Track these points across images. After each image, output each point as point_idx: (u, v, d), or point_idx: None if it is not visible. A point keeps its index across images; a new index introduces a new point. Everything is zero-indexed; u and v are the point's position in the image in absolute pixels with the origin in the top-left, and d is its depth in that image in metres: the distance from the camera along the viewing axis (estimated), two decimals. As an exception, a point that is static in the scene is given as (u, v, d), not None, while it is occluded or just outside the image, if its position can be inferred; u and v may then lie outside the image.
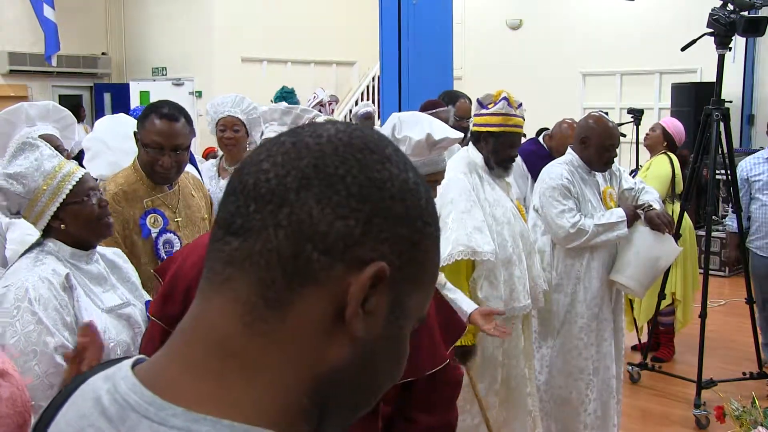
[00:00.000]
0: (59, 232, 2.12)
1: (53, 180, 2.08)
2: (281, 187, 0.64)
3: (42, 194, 2.08)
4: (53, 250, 2.11)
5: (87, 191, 2.11)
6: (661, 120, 5.69)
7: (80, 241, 2.14)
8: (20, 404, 1.45)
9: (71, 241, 2.13)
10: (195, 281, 1.79)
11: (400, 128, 2.57)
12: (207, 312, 0.67)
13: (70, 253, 2.12)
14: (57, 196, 2.08)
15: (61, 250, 2.11)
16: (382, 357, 0.69)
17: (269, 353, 0.65)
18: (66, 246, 2.12)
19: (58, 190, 2.08)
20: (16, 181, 2.07)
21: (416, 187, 0.69)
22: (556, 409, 3.69)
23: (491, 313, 2.92)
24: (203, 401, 0.63)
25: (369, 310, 0.65)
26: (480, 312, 2.89)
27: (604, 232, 3.56)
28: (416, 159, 2.51)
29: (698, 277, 5.16)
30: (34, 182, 2.07)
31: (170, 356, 0.68)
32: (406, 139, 2.53)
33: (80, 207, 2.09)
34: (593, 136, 3.60)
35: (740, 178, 4.79)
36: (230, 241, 0.66)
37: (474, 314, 2.87)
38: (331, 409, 0.68)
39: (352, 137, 0.68)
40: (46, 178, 2.08)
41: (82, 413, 0.68)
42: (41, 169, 2.08)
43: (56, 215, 2.09)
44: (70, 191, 2.08)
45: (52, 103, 3.09)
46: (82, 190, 2.10)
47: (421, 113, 2.69)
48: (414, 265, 0.68)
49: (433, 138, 2.53)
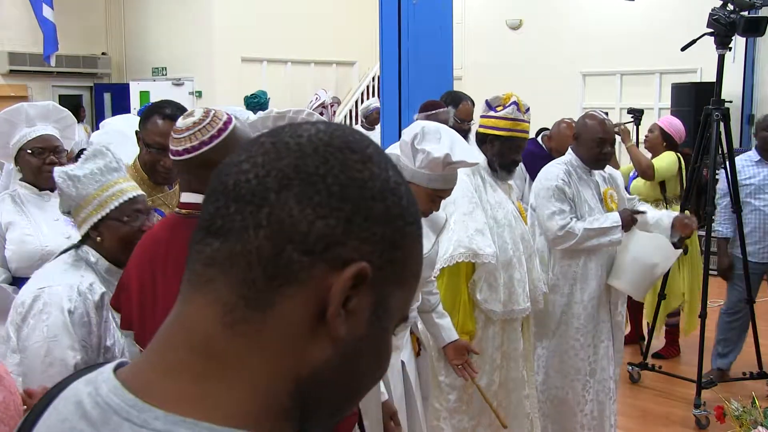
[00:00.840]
0: (96, 244, 2.14)
1: (105, 192, 2.11)
2: (261, 188, 0.64)
3: (90, 202, 2.10)
4: (91, 261, 2.13)
5: (133, 212, 2.13)
6: (659, 120, 5.68)
7: (113, 258, 2.15)
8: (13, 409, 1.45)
9: (106, 255, 2.15)
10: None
11: (421, 139, 2.53)
12: (188, 313, 0.67)
13: (106, 268, 2.15)
14: (103, 208, 2.10)
15: (99, 262, 2.14)
16: (365, 357, 0.69)
17: (250, 354, 0.64)
18: (104, 260, 2.15)
19: (105, 203, 2.10)
20: (72, 183, 2.10)
21: (397, 186, 0.69)
22: (552, 410, 3.69)
23: (465, 349, 2.93)
24: (184, 403, 0.63)
25: (351, 310, 0.65)
26: (455, 346, 2.91)
27: (596, 237, 3.53)
28: (429, 173, 2.50)
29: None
30: (87, 189, 2.10)
31: (152, 358, 0.68)
32: (424, 152, 2.50)
33: (120, 225, 2.11)
34: (584, 131, 3.60)
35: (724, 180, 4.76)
36: (211, 242, 0.66)
37: (448, 347, 2.91)
38: (314, 409, 0.68)
39: (332, 137, 0.68)
40: (99, 188, 2.11)
41: (63, 417, 0.68)
42: (98, 178, 2.11)
43: (96, 227, 2.12)
44: (115, 207, 2.10)
45: (52, 104, 3.09)
46: (129, 209, 2.12)
47: (446, 127, 2.64)
48: (396, 264, 0.68)
49: (451, 159, 2.50)
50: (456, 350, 2.90)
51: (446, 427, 3.14)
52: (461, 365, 2.90)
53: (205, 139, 1.82)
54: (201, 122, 1.83)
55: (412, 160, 2.52)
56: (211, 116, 1.84)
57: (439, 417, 3.12)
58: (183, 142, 1.83)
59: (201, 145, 1.81)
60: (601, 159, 3.63)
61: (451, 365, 2.93)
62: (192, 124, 1.83)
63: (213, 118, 1.84)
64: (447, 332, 2.91)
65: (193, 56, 11.12)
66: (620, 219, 3.54)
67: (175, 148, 1.84)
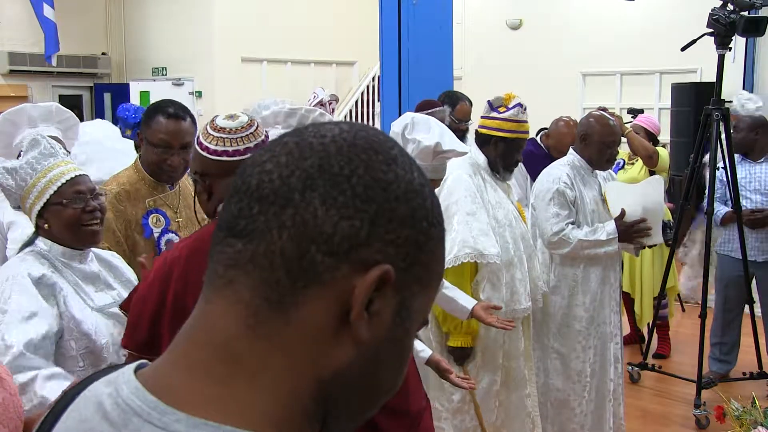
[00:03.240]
0: (46, 232, 2.11)
1: (43, 178, 2.07)
2: (285, 188, 0.64)
3: (30, 191, 2.08)
4: (43, 250, 2.10)
5: (73, 194, 2.08)
6: (637, 121, 5.63)
7: (66, 244, 2.12)
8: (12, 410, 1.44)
9: (59, 241, 2.11)
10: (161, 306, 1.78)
11: (411, 129, 2.57)
12: (210, 315, 0.66)
13: (61, 252, 2.12)
14: (43, 194, 2.07)
15: (52, 249, 2.11)
16: (387, 359, 0.69)
17: (273, 356, 0.64)
18: (57, 245, 2.11)
19: (45, 189, 2.07)
20: (10, 176, 2.08)
21: (421, 188, 0.68)
22: (553, 411, 3.69)
23: (491, 307, 2.92)
24: (206, 406, 0.62)
25: (374, 312, 0.65)
26: (481, 306, 2.89)
27: (591, 248, 3.51)
28: (419, 163, 2.52)
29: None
30: (25, 179, 2.08)
31: (173, 360, 0.67)
32: (415, 141, 2.55)
33: (62, 209, 2.07)
34: (594, 133, 3.59)
35: (718, 179, 4.75)
36: (233, 243, 0.65)
37: (476, 308, 2.88)
38: (335, 412, 0.67)
39: (356, 137, 0.67)
40: (36, 175, 2.07)
41: (83, 418, 0.68)
42: (34, 166, 2.08)
43: (41, 214, 2.09)
44: (54, 191, 2.06)
45: (55, 105, 3.08)
46: (68, 192, 2.08)
47: (435, 119, 2.67)
48: (419, 266, 0.67)
49: (441, 147, 2.54)
50: (485, 310, 2.89)
51: (447, 427, 3.14)
52: (496, 321, 2.87)
53: (262, 139, 1.84)
54: (250, 127, 1.84)
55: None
56: (256, 124, 1.86)
57: (440, 418, 3.12)
58: (237, 142, 1.81)
59: (263, 142, 1.83)
60: (611, 160, 3.64)
61: (487, 323, 2.88)
62: (240, 127, 1.82)
63: (258, 123, 1.87)
64: (464, 299, 2.90)
65: (193, 56, 11.11)
66: (616, 232, 3.51)
67: (225, 148, 1.81)
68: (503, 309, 3.13)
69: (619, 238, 3.51)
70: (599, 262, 3.60)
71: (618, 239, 3.51)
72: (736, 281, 4.80)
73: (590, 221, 3.59)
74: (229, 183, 0.70)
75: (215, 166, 1.81)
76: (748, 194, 4.82)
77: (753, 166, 4.88)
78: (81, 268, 2.15)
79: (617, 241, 3.51)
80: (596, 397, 3.66)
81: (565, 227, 3.50)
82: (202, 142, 1.84)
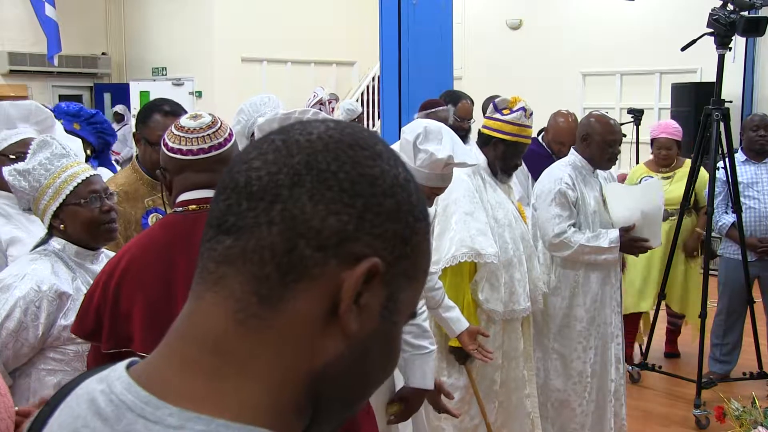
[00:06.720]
0: (61, 233, 2.14)
1: (57, 179, 2.10)
2: (273, 184, 0.65)
3: (45, 192, 2.10)
4: (57, 250, 2.13)
5: (89, 194, 2.11)
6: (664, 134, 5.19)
7: (81, 243, 2.15)
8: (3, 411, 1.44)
9: (73, 241, 2.15)
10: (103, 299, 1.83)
11: (424, 139, 2.54)
12: (200, 311, 0.67)
13: (75, 252, 2.15)
14: (59, 195, 2.10)
15: (66, 249, 2.14)
16: (376, 352, 0.70)
17: (263, 350, 0.65)
18: (71, 245, 2.14)
19: (60, 190, 2.10)
20: (23, 178, 2.10)
21: (406, 183, 0.69)
22: (553, 412, 3.68)
23: (478, 333, 2.95)
24: (198, 400, 0.63)
25: (363, 305, 0.66)
26: (468, 333, 2.92)
27: (591, 254, 3.51)
28: (428, 172, 2.51)
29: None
30: (39, 180, 2.10)
31: (165, 356, 0.68)
32: (426, 152, 2.51)
33: (79, 209, 2.10)
34: (594, 133, 3.58)
35: (718, 179, 4.75)
36: (223, 240, 0.66)
37: (462, 335, 2.91)
38: (325, 405, 0.69)
39: (342, 134, 0.68)
40: (51, 176, 2.10)
41: (76, 414, 0.68)
42: (47, 167, 2.10)
43: (57, 215, 2.11)
44: (70, 192, 2.10)
45: (34, 104, 2.90)
46: (84, 192, 2.11)
47: (446, 127, 2.65)
48: (406, 260, 0.69)
49: (453, 160, 2.52)
50: (470, 336, 2.91)
51: (447, 427, 3.14)
52: (476, 350, 2.91)
53: (221, 141, 1.88)
54: (210, 128, 1.88)
55: (413, 158, 2.53)
56: (219, 124, 1.92)
57: (440, 417, 3.12)
58: (192, 142, 1.87)
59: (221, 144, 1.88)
60: (613, 160, 3.65)
61: (468, 351, 2.93)
62: (200, 128, 1.87)
63: (222, 123, 1.92)
64: (456, 324, 2.91)
65: (193, 56, 11.12)
66: (619, 241, 3.51)
67: (179, 146, 1.87)
68: (502, 309, 3.13)
69: (620, 248, 3.53)
70: (600, 264, 3.60)
71: (619, 249, 3.53)
72: (740, 284, 4.79)
73: (591, 222, 3.58)
74: (183, 179, 0.72)
75: (171, 163, 1.89)
76: (751, 194, 4.82)
77: (759, 167, 4.88)
78: (92, 268, 2.17)
79: (618, 250, 3.52)
80: (597, 397, 3.65)
81: (567, 229, 3.50)
82: (164, 139, 1.92)
